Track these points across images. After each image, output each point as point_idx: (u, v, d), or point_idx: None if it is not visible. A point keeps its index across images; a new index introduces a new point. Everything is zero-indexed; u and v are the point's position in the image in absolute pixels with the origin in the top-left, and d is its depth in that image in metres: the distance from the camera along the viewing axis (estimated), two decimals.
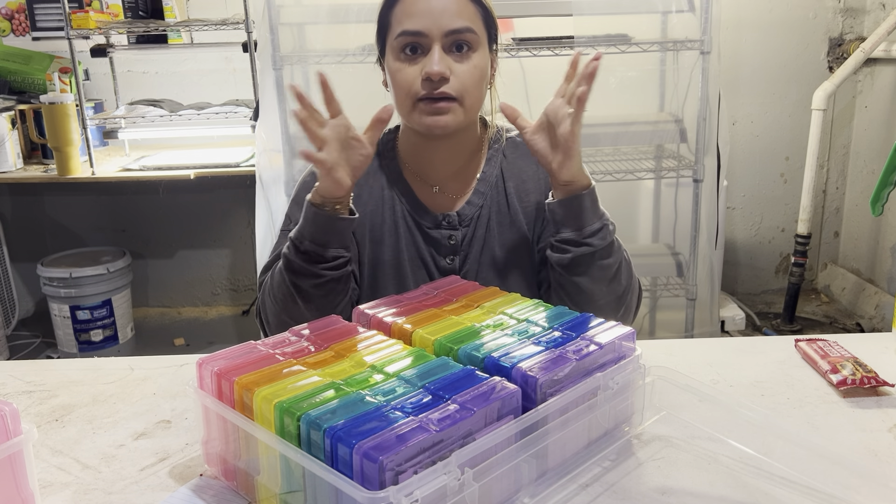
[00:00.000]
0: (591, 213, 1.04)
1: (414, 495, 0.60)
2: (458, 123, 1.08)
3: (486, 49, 1.10)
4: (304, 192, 1.18)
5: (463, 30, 1.05)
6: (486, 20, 1.10)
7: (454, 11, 1.05)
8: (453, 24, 1.04)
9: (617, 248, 1.07)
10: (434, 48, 1.04)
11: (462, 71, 1.06)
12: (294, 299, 1.05)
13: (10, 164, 2.71)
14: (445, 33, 1.04)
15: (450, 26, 1.04)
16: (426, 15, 1.04)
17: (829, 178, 3.20)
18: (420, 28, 1.05)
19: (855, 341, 1.07)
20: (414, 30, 1.05)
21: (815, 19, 3.01)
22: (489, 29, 1.10)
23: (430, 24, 1.04)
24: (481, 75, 1.08)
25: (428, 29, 1.04)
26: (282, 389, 0.70)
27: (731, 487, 0.75)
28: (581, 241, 1.04)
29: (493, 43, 1.13)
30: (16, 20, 3.12)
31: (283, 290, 1.06)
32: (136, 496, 0.77)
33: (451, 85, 1.05)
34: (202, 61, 3.08)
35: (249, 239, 3.25)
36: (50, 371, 1.08)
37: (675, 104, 2.52)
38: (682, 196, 2.54)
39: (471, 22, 1.06)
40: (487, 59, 1.11)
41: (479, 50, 1.08)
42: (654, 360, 0.88)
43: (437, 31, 1.04)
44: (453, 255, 1.17)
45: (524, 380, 0.73)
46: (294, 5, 2.32)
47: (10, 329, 3.13)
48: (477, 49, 1.07)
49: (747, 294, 3.29)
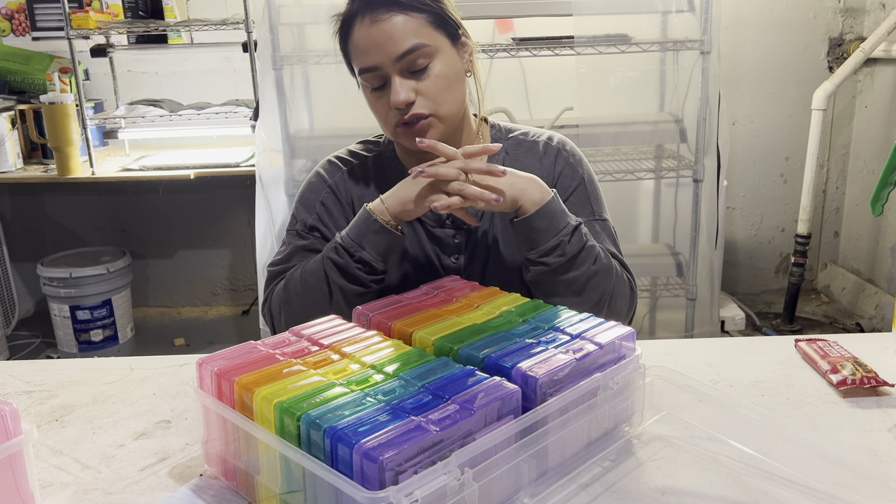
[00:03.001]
0: (545, 232, 1.03)
1: (414, 495, 0.60)
2: (439, 134, 1.08)
3: (447, 50, 1.08)
4: (310, 194, 1.19)
5: (411, 49, 1.04)
6: (438, 23, 1.07)
7: (398, 35, 1.04)
8: (400, 49, 1.04)
9: (583, 260, 1.05)
10: (393, 79, 1.05)
11: (427, 88, 1.06)
12: (329, 300, 1.05)
13: (10, 164, 2.71)
14: (395, 59, 1.04)
15: (397, 52, 1.04)
16: (373, 49, 1.05)
17: (829, 178, 3.20)
18: (372, 63, 1.06)
19: (855, 341, 1.07)
20: (367, 66, 1.06)
21: (815, 19, 3.01)
22: (445, 28, 1.08)
23: (379, 56, 1.05)
24: (447, 81, 1.08)
25: (379, 62, 1.05)
26: (282, 389, 0.70)
27: (731, 487, 0.75)
28: (536, 261, 1.05)
29: (454, 36, 1.10)
30: (16, 20, 3.12)
31: (319, 291, 1.06)
32: (136, 496, 0.77)
33: (419, 105, 1.06)
34: (202, 61, 3.08)
35: (249, 239, 3.25)
36: (50, 371, 1.08)
37: (675, 104, 2.53)
38: (682, 196, 2.55)
39: (418, 36, 1.05)
40: (452, 59, 1.09)
41: (439, 57, 1.07)
42: (654, 360, 0.88)
43: (388, 61, 1.05)
44: (458, 253, 1.17)
45: (524, 380, 0.73)
46: (294, 5, 2.32)
47: (10, 329, 3.13)
48: (435, 58, 1.06)
49: (747, 294, 3.29)
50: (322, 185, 1.19)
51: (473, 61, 1.15)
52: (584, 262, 1.05)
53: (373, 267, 1.05)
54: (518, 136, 1.21)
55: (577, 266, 1.05)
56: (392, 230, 1.03)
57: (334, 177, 1.19)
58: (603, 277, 1.07)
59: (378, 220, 1.03)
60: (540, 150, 1.19)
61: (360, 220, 1.05)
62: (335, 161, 1.22)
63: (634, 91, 2.53)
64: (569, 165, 1.19)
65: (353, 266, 1.04)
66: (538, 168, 1.18)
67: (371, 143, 1.25)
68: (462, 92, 1.12)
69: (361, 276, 1.05)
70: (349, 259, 1.04)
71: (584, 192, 1.18)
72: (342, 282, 1.05)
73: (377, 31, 1.04)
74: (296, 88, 2.39)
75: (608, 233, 1.17)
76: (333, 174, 1.20)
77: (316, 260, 1.09)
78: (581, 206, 1.16)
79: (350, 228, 1.06)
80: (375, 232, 1.03)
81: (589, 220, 1.16)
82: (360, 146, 1.24)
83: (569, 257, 1.04)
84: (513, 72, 2.90)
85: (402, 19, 1.04)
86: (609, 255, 1.11)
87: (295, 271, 1.11)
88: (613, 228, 1.19)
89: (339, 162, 1.21)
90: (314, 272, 1.07)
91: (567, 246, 1.04)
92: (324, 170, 1.21)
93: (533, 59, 2.45)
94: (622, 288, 1.11)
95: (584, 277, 1.05)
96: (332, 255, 1.05)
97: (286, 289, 1.11)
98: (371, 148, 1.23)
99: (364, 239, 1.04)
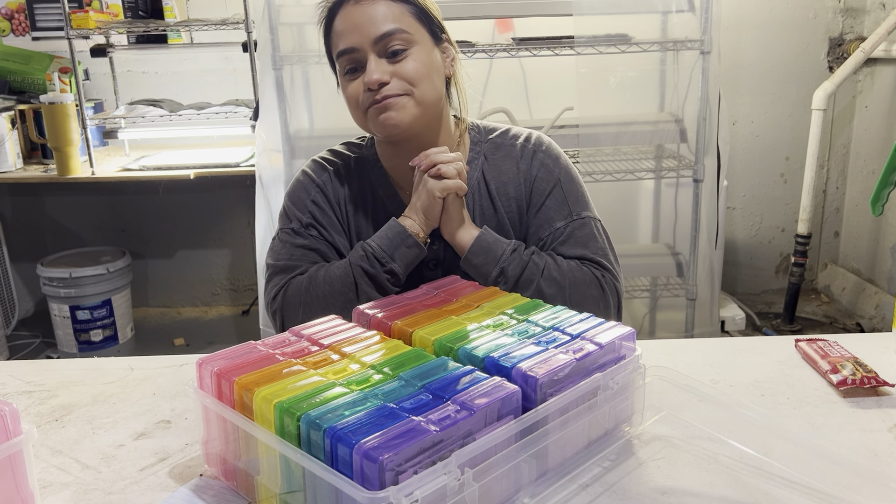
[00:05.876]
0: (485, 265, 1.10)
1: (414, 495, 0.60)
2: (413, 118, 1.08)
3: (427, 44, 1.10)
4: (301, 193, 1.19)
5: (391, 32, 1.05)
6: (421, 17, 1.09)
7: (380, 18, 1.06)
8: (380, 30, 1.05)
9: (528, 280, 1.09)
10: (369, 58, 1.06)
11: (402, 70, 1.06)
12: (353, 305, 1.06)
13: (10, 164, 2.71)
14: (374, 41, 1.05)
15: (377, 33, 1.05)
16: (353, 30, 1.06)
17: (829, 178, 3.20)
18: (351, 44, 1.07)
19: (855, 341, 1.07)
20: (347, 47, 1.07)
21: (815, 19, 3.01)
22: (428, 24, 1.10)
23: (358, 37, 1.06)
24: (427, 70, 1.08)
25: (358, 43, 1.06)
26: (282, 389, 0.70)
27: (731, 487, 0.75)
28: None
29: (437, 37, 1.12)
30: (16, 20, 3.12)
31: (345, 297, 1.09)
32: (136, 496, 0.77)
33: (391, 87, 1.06)
34: (202, 61, 3.08)
35: (249, 239, 3.25)
36: (50, 371, 1.08)
37: (675, 104, 2.52)
38: (682, 196, 2.54)
39: (399, 23, 1.06)
40: (432, 54, 1.10)
41: (418, 46, 1.08)
42: (654, 360, 0.88)
43: (366, 42, 1.06)
44: (436, 261, 1.18)
45: (524, 380, 0.73)
46: (294, 5, 2.32)
47: (10, 329, 3.13)
48: (414, 46, 1.07)
49: (747, 294, 3.29)
50: (311, 185, 1.19)
51: (456, 69, 1.16)
52: (532, 280, 1.09)
53: (399, 278, 1.10)
54: (496, 137, 1.21)
55: (525, 286, 1.09)
56: (422, 245, 1.10)
57: (321, 176, 1.20)
58: (556, 289, 1.09)
59: (412, 236, 1.09)
60: (517, 152, 1.19)
61: (393, 234, 1.09)
62: (321, 161, 1.22)
63: (634, 91, 2.53)
64: (544, 167, 1.18)
65: (383, 276, 1.09)
66: (515, 173, 1.18)
67: (354, 144, 1.24)
68: (440, 87, 1.12)
69: (388, 285, 1.10)
70: (380, 269, 1.08)
71: (561, 192, 1.17)
72: (371, 290, 1.09)
73: (360, 12, 1.06)
74: (296, 88, 2.39)
75: (587, 231, 1.16)
76: (321, 174, 1.20)
77: (341, 266, 1.11)
78: (558, 209, 1.16)
79: (380, 239, 1.10)
80: (409, 246, 1.09)
81: (567, 221, 1.15)
82: (344, 147, 1.24)
83: (514, 281, 1.09)
84: (513, 72, 2.90)
85: (385, 4, 1.07)
86: (561, 265, 1.11)
87: (317, 275, 1.11)
88: (599, 224, 1.18)
89: (324, 162, 1.22)
90: (341, 278, 1.10)
91: (509, 270, 1.09)
92: (311, 170, 1.21)
93: (533, 59, 2.45)
94: (587, 291, 1.11)
95: (537, 294, 1.09)
96: (364, 264, 1.09)
97: (308, 291, 1.11)
98: (354, 150, 1.23)
99: (396, 252, 1.09)
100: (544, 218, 1.16)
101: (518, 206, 1.17)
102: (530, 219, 1.17)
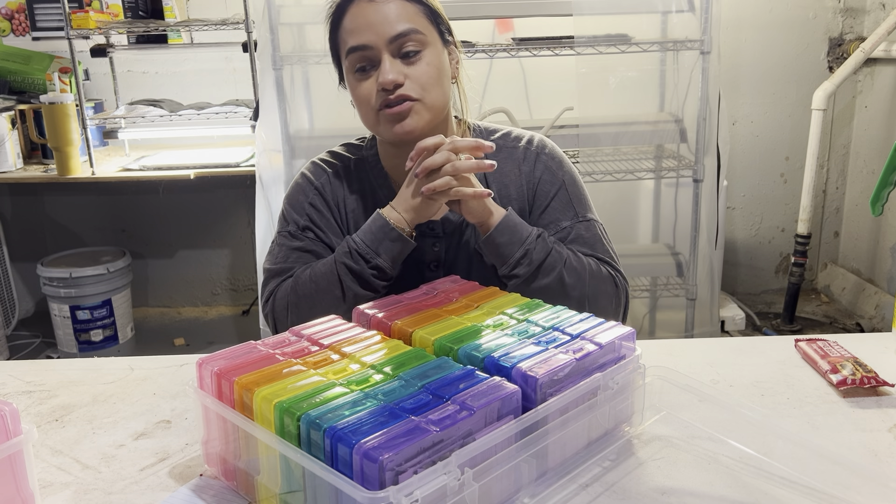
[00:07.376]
0: (509, 245, 1.06)
1: (414, 495, 0.60)
2: (424, 124, 1.08)
3: (438, 46, 1.10)
4: (298, 195, 1.19)
5: (406, 32, 1.05)
6: (432, 17, 1.09)
7: (394, 17, 1.05)
8: (395, 30, 1.04)
9: (552, 266, 1.07)
10: (383, 58, 1.05)
11: (416, 73, 1.06)
12: (340, 303, 1.06)
13: (10, 164, 2.71)
14: (389, 40, 1.05)
15: (392, 32, 1.04)
16: (367, 28, 1.05)
17: (829, 178, 3.20)
18: (364, 42, 1.05)
19: (855, 341, 1.07)
20: (359, 44, 1.06)
21: (815, 19, 3.01)
22: (438, 25, 1.10)
23: (372, 35, 1.05)
24: (438, 73, 1.08)
25: (372, 41, 1.05)
26: (282, 389, 0.70)
27: (731, 487, 0.75)
28: (509, 274, 1.07)
29: (445, 39, 1.12)
30: (16, 20, 3.12)
31: (331, 294, 1.07)
32: (136, 496, 0.77)
33: (406, 88, 1.05)
34: (202, 61, 3.08)
35: (249, 239, 3.25)
36: (50, 371, 1.08)
37: (675, 104, 2.53)
38: (682, 196, 2.55)
39: (413, 23, 1.06)
40: (442, 56, 1.10)
41: (430, 48, 1.08)
42: (654, 360, 0.88)
43: (380, 41, 1.05)
44: (437, 262, 1.17)
45: (524, 380, 0.73)
46: (294, 5, 2.32)
47: (10, 329, 3.13)
48: (427, 48, 1.07)
49: (747, 294, 3.29)
50: (309, 187, 1.19)
51: (459, 70, 1.16)
52: (554, 267, 1.07)
53: (385, 273, 1.07)
54: (497, 139, 1.21)
55: (547, 273, 1.07)
56: (407, 238, 1.06)
57: (320, 178, 1.19)
58: (577, 279, 1.08)
59: (396, 229, 1.05)
60: (519, 154, 1.19)
61: (376, 228, 1.06)
62: (319, 163, 1.22)
63: (634, 91, 2.53)
64: (548, 170, 1.18)
65: (368, 272, 1.06)
66: (517, 175, 1.18)
67: (353, 146, 1.24)
68: (448, 90, 1.12)
69: (374, 281, 1.06)
70: (364, 265, 1.06)
71: (566, 194, 1.17)
72: (356, 287, 1.06)
73: (374, 10, 1.05)
74: (296, 88, 2.39)
75: (593, 233, 1.16)
76: (319, 176, 1.20)
77: (326, 263, 1.09)
78: (563, 210, 1.16)
79: (364, 234, 1.07)
80: (393, 240, 1.05)
81: (573, 222, 1.15)
82: (343, 148, 1.24)
83: (537, 265, 1.06)
84: (513, 72, 2.90)
85: (399, 3, 1.06)
86: (580, 257, 1.11)
87: (303, 274, 1.11)
88: (601, 227, 1.18)
89: (323, 164, 1.21)
90: (326, 275, 1.08)
91: (534, 253, 1.06)
92: (309, 172, 1.21)
93: (533, 59, 2.45)
94: (603, 286, 1.11)
95: (557, 283, 1.07)
96: (347, 260, 1.06)
97: (294, 291, 1.10)
98: (353, 151, 1.23)
99: (380, 246, 1.05)
100: (549, 218, 1.16)
101: (520, 208, 1.17)
102: (534, 220, 1.17)
